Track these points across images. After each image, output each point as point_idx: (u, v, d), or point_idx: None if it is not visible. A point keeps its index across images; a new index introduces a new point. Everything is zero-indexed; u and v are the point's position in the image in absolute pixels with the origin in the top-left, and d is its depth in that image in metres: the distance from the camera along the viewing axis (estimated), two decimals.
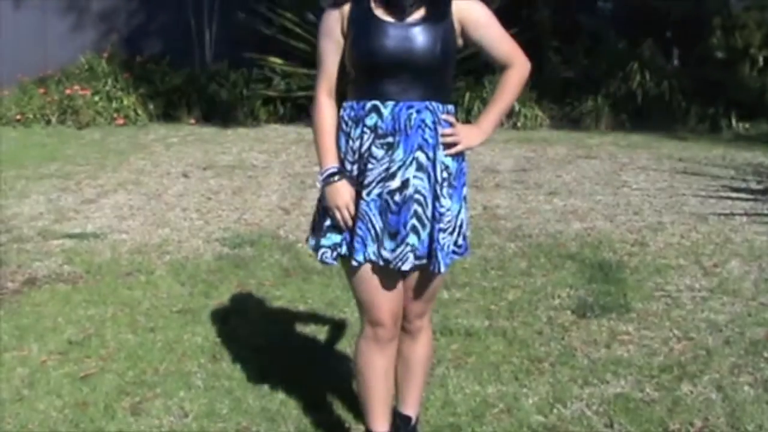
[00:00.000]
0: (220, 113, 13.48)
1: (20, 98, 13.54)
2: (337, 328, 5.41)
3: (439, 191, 3.45)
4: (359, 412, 4.24)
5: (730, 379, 4.67)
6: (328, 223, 3.50)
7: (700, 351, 5.02)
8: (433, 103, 3.45)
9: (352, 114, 3.46)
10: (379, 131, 3.41)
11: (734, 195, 8.71)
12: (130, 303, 5.89)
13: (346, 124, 3.48)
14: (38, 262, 6.75)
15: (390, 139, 3.41)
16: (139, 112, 13.44)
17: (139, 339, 5.30)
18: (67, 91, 13.44)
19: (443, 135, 3.45)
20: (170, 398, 4.52)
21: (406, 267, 3.44)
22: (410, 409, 3.84)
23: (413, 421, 3.86)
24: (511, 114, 12.94)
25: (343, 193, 3.45)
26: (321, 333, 5.39)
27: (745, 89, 12.94)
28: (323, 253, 3.52)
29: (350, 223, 3.45)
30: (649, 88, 12.96)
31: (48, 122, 13.25)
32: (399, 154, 3.41)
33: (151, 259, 6.82)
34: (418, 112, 3.42)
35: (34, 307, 5.83)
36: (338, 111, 3.54)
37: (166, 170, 10.05)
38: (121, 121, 13.29)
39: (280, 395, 4.49)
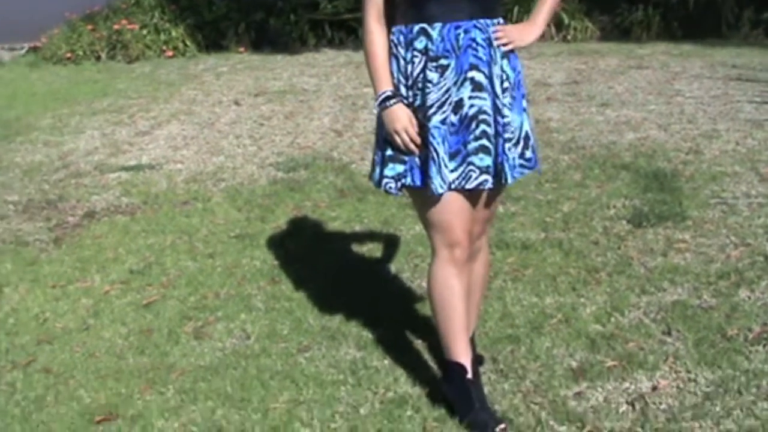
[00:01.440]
0: (268, 40, 13.47)
1: (69, 36, 13.62)
2: (394, 246, 5.45)
3: (500, 105, 3.44)
4: (417, 328, 4.34)
5: None
6: (389, 152, 3.48)
7: (757, 257, 4.99)
8: (481, 21, 3.44)
9: (401, 38, 3.45)
10: (431, 54, 3.40)
11: None
12: (188, 230, 5.96)
13: (396, 48, 3.46)
14: (96, 195, 6.85)
15: (443, 62, 3.40)
16: (188, 43, 13.47)
17: (199, 265, 5.38)
18: (115, 27, 13.50)
19: (495, 34, 3.43)
20: (232, 321, 4.60)
21: (469, 186, 3.43)
22: (470, 327, 3.87)
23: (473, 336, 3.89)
24: (560, 26, 12.81)
25: (401, 116, 3.41)
26: (377, 251, 5.43)
27: None
28: (386, 184, 3.50)
29: (412, 146, 3.42)
30: None
31: (98, 58, 13.33)
32: (452, 75, 3.40)
33: (206, 186, 6.89)
34: (465, 31, 3.41)
35: (94, 240, 5.93)
36: (387, 35, 3.53)
37: (218, 99, 10.09)
38: (170, 53, 13.33)
39: (340, 314, 4.55)
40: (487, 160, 3.43)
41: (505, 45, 3.46)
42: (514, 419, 3.55)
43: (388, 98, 3.43)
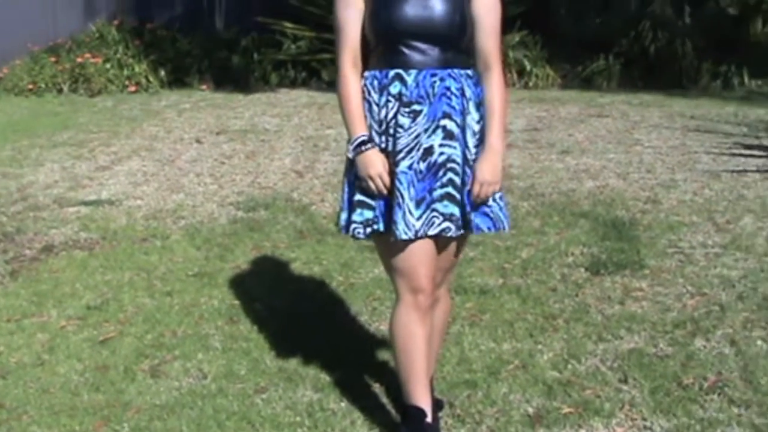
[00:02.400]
0: (231, 79, 13.49)
1: (32, 68, 13.55)
2: (353, 288, 5.46)
3: (469, 156, 3.48)
4: (375, 371, 4.34)
5: (743, 333, 4.70)
6: (357, 197, 3.49)
7: (713, 306, 5.05)
8: (455, 71, 3.48)
9: (375, 83, 3.47)
10: (404, 99, 3.43)
11: (746, 152, 8.70)
12: (147, 268, 5.93)
13: (369, 94, 3.48)
14: (54, 229, 6.80)
15: (416, 107, 3.43)
16: (151, 79, 13.45)
17: (156, 303, 5.35)
18: (78, 60, 13.46)
19: (477, 197, 3.47)
20: (189, 360, 4.57)
21: (432, 232, 3.44)
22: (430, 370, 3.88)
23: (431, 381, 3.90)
24: (522, 73, 12.93)
25: (375, 161, 3.42)
26: (336, 294, 5.43)
27: (758, 46, 12.88)
28: (355, 229, 3.49)
29: (385, 192, 3.44)
30: (661, 46, 12.90)
31: (60, 91, 13.27)
32: (423, 121, 3.44)
33: (166, 224, 6.87)
34: (441, 80, 3.45)
35: (51, 274, 5.88)
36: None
37: (179, 136, 10.08)
38: (132, 89, 13.31)
39: (298, 356, 4.54)
40: (452, 208, 3.45)
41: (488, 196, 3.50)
42: None
43: (363, 143, 3.44)
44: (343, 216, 3.56)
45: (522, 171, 8.05)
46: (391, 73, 3.45)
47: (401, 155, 3.43)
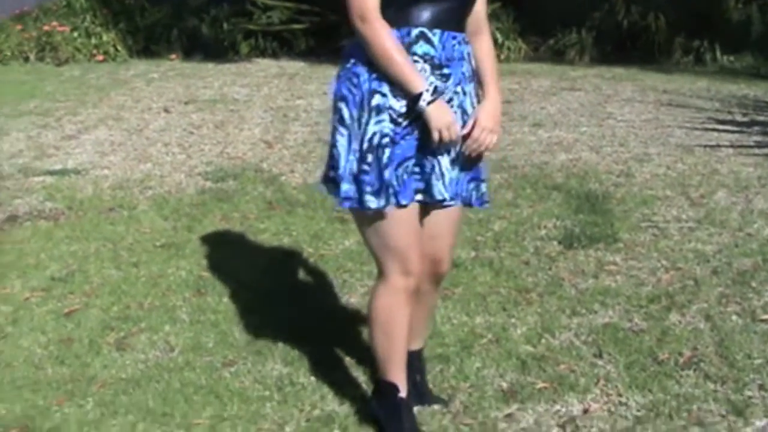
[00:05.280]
0: (200, 48, 13.33)
1: None
2: (323, 260, 5.37)
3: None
4: (346, 345, 4.27)
5: (718, 309, 4.64)
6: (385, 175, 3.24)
7: (687, 281, 4.99)
8: (464, 36, 3.37)
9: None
10: (435, 61, 3.26)
11: (720, 127, 8.66)
12: (113, 238, 5.82)
13: None
14: (19, 199, 6.66)
15: (445, 70, 3.28)
16: (119, 48, 13.27)
17: (123, 274, 5.24)
18: (45, 28, 13.25)
19: (475, 143, 3.35)
20: (155, 333, 4.48)
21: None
22: (422, 342, 3.84)
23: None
24: (494, 45, 12.83)
25: (448, 110, 3.24)
26: (306, 265, 5.34)
27: (730, 22, 12.84)
28: (368, 201, 3.25)
29: (459, 141, 3.30)
30: (634, 20, 12.83)
31: (26, 59, 13.07)
32: (451, 85, 3.31)
33: (133, 194, 6.74)
34: (459, 43, 3.32)
35: (15, 245, 5.76)
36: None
37: (147, 105, 9.93)
38: (100, 58, 13.12)
39: (267, 329, 4.44)
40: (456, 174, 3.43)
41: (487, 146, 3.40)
42: None
43: (436, 89, 3.22)
44: (346, 187, 3.30)
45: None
46: (415, 31, 3.24)
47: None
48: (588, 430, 3.56)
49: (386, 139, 3.23)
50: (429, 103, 3.18)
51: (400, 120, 3.25)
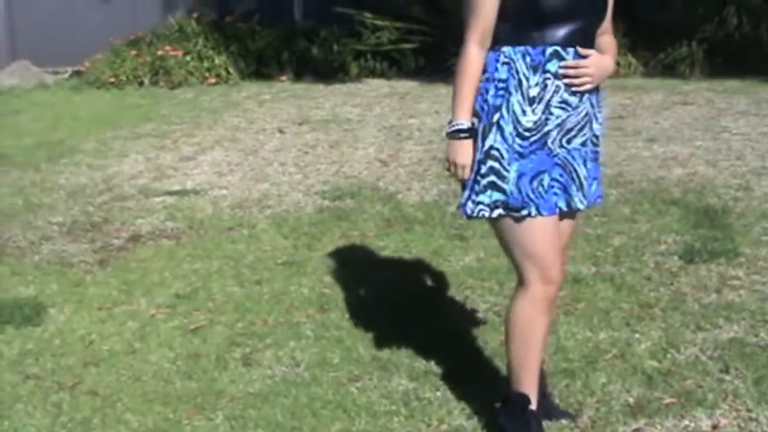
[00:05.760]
0: (311, 69, 13.49)
1: (113, 61, 13.66)
2: (443, 277, 5.41)
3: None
4: (470, 361, 4.29)
5: None
6: (490, 179, 3.36)
7: None
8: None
9: (527, 59, 3.33)
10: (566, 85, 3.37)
11: None
12: (235, 256, 5.94)
13: (518, 71, 3.34)
14: (141, 219, 6.84)
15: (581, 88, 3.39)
16: (231, 70, 13.49)
17: (246, 291, 5.34)
18: (159, 53, 13.55)
19: (576, 72, 3.39)
20: (281, 348, 4.56)
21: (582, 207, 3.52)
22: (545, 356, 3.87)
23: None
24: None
25: (466, 151, 3.37)
26: (427, 282, 5.39)
27: None
28: (480, 211, 3.38)
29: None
30: (746, 31, 12.62)
31: (141, 84, 13.38)
32: (586, 101, 3.42)
33: (252, 213, 6.87)
34: None
35: (139, 263, 5.91)
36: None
37: (261, 126, 10.10)
38: (212, 80, 13.37)
39: (391, 345, 4.49)
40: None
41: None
42: None
43: (461, 131, 3.36)
44: (467, 202, 3.43)
45: (609, 158, 7.91)
46: (549, 49, 3.33)
47: (572, 133, 3.40)
48: None
49: (497, 153, 3.36)
50: (449, 135, 3.38)
51: (527, 134, 3.32)
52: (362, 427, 3.78)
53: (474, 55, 3.35)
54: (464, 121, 3.36)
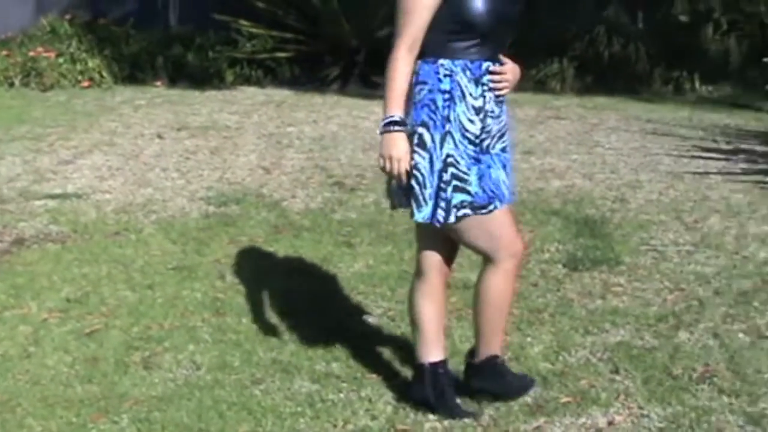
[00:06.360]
0: (186, 75, 13.39)
1: None
2: (336, 282, 5.49)
3: None
4: (368, 362, 4.39)
5: (724, 327, 4.82)
6: (454, 184, 3.60)
7: (692, 301, 5.16)
8: None
9: (468, 73, 3.59)
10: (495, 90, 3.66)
11: (705, 155, 8.85)
12: (123, 261, 5.90)
13: (459, 84, 3.59)
14: (23, 222, 6.72)
15: (501, 98, 3.70)
16: (104, 74, 13.28)
17: (139, 296, 5.33)
18: (31, 54, 13.27)
19: (500, 77, 3.69)
20: (180, 352, 4.57)
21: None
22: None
23: None
24: None
25: (400, 144, 3.55)
26: (320, 287, 5.46)
27: (708, 53, 13.09)
28: (446, 216, 3.63)
29: (404, 177, 3.58)
30: (615, 51, 13.05)
31: (11, 85, 13.06)
32: (504, 110, 3.76)
33: (137, 218, 6.82)
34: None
35: (26, 267, 5.82)
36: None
37: (139, 131, 9.98)
38: (86, 84, 13.14)
39: (290, 347, 4.57)
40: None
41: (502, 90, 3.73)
42: None
43: (395, 123, 3.54)
44: (427, 211, 3.64)
45: None
46: (485, 65, 3.62)
47: (495, 139, 3.68)
48: None
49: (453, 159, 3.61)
50: (381, 132, 3.57)
51: (476, 141, 3.64)
52: (269, 429, 3.83)
53: (404, 58, 3.56)
54: (397, 114, 3.54)
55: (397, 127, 3.53)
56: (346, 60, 12.71)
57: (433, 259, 3.86)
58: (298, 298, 5.28)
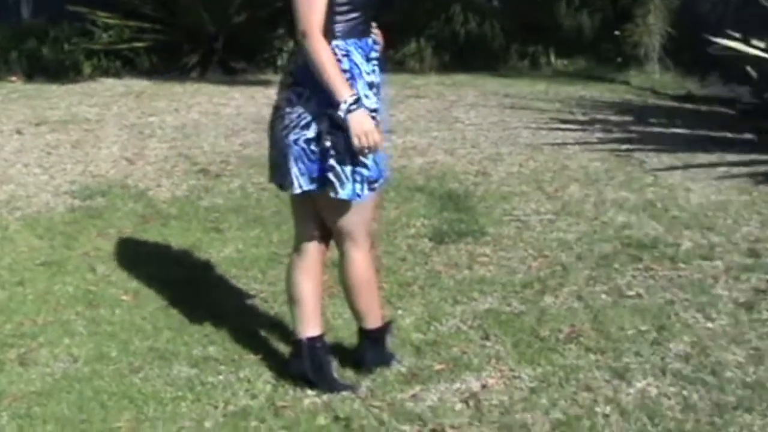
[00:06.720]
0: (42, 69, 13.15)
1: None
2: (208, 268, 5.53)
3: None
4: (245, 343, 4.45)
5: (587, 289, 5.04)
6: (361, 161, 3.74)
7: (555, 267, 5.37)
8: None
9: (359, 51, 3.74)
10: (380, 64, 3.85)
11: (563, 126, 9.11)
12: None
13: (353, 60, 3.72)
14: None
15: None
16: None
17: (8, 293, 5.27)
18: None
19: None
20: (56, 346, 4.56)
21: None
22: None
23: None
24: None
25: (366, 119, 3.67)
26: (192, 273, 5.48)
27: (562, 28, 13.39)
28: (361, 190, 3.79)
29: (381, 145, 3.76)
30: (471, 29, 13.27)
31: None
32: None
33: (1, 215, 6.71)
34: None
35: None
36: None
37: None
38: None
39: (166, 334, 4.61)
40: None
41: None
42: (356, 421, 3.73)
43: (358, 100, 3.64)
44: (350, 188, 3.77)
45: None
46: (369, 41, 3.79)
47: (380, 112, 3.84)
48: (489, 402, 3.86)
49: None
50: (347, 112, 3.60)
51: (374, 115, 3.79)
52: (151, 415, 3.88)
53: (322, 41, 3.64)
54: (348, 93, 3.62)
55: (356, 105, 3.62)
56: (204, 47, 12.62)
57: (312, 235, 4.00)
58: (171, 285, 5.29)
